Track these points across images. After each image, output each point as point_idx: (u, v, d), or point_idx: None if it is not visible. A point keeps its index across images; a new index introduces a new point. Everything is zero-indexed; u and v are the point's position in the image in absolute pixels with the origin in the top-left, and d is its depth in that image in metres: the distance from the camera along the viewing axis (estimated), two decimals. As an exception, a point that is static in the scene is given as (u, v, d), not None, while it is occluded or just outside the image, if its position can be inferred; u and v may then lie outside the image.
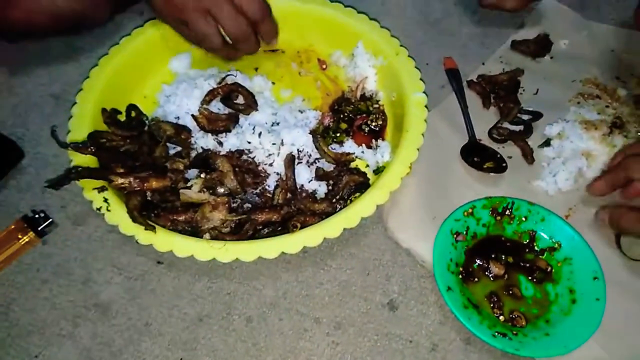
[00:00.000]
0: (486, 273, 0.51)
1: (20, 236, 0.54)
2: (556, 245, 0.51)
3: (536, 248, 0.52)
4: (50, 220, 0.55)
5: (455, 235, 0.51)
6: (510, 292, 0.50)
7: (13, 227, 0.55)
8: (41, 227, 0.55)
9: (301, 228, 0.50)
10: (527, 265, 0.51)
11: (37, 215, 0.56)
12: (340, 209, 0.53)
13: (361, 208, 0.50)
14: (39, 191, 0.59)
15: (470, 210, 0.52)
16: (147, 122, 0.60)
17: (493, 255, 0.51)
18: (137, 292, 0.52)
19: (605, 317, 0.46)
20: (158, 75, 0.66)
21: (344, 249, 0.54)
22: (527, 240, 0.52)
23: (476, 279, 0.50)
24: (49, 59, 0.70)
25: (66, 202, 0.58)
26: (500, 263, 0.51)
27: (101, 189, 0.52)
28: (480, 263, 0.51)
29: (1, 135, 0.62)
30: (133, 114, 0.61)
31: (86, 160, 0.54)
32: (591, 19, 0.72)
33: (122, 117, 0.61)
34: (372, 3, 0.73)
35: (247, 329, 0.50)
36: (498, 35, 0.71)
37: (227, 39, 0.61)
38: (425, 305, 0.51)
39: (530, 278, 0.51)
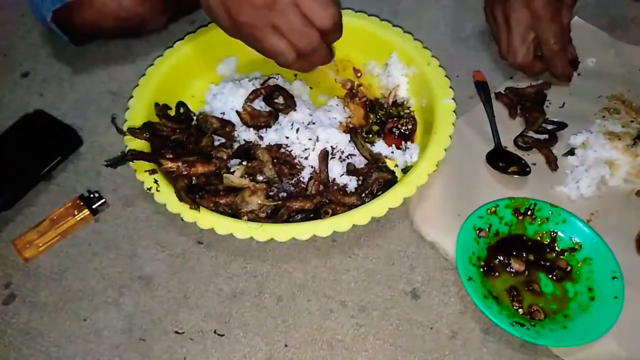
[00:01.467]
0: (507, 269, 0.53)
1: (76, 213, 0.60)
2: (576, 246, 0.53)
3: (557, 248, 0.54)
4: (103, 200, 0.61)
5: (478, 231, 0.54)
6: (530, 288, 0.52)
7: (70, 204, 0.60)
8: (95, 205, 0.60)
9: (331, 216, 0.53)
10: (548, 264, 0.53)
11: (91, 195, 0.61)
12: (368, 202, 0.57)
13: (389, 199, 0.54)
14: (94, 175, 0.64)
15: (493, 209, 0.55)
16: (194, 117, 0.66)
17: (514, 253, 0.54)
18: (177, 268, 0.56)
19: (624, 316, 0.48)
20: (206, 77, 0.72)
21: (371, 240, 0.57)
22: (548, 241, 0.54)
23: (497, 274, 0.52)
24: (109, 60, 0.77)
25: (118, 186, 0.63)
26: (521, 260, 0.53)
27: (152, 172, 0.57)
28: (502, 259, 0.53)
29: (63, 124, 0.68)
30: (182, 109, 0.67)
31: (140, 146, 0.60)
32: (619, 39, 0.74)
33: (172, 112, 0.66)
34: (407, 18, 0.77)
35: (277, 307, 0.53)
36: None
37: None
38: (447, 295, 0.53)
39: (550, 276, 0.52)
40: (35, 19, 0.73)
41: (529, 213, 0.55)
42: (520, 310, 0.50)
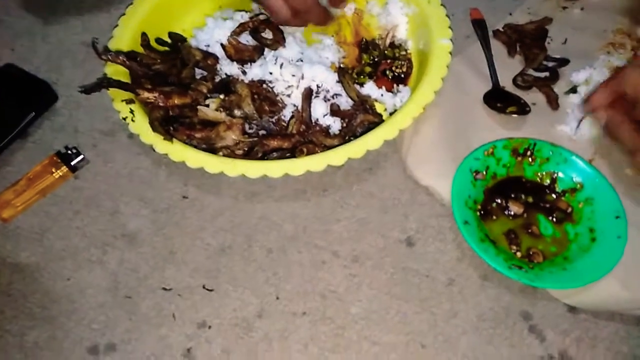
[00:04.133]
0: (505, 212, 0.51)
1: (54, 170, 0.57)
2: (578, 186, 0.51)
3: (557, 189, 0.52)
4: (82, 156, 0.58)
5: (474, 174, 0.51)
6: (529, 230, 0.50)
7: (47, 161, 0.57)
8: (73, 162, 0.57)
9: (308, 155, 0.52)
10: (547, 205, 0.51)
11: (69, 152, 0.58)
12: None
13: (368, 141, 0.51)
14: (72, 131, 0.61)
15: (490, 150, 0.52)
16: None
17: (513, 195, 0.51)
18: (162, 224, 0.54)
19: (627, 256, 0.46)
20: (199, 11, 0.68)
21: (363, 188, 0.55)
22: (548, 182, 0.52)
23: (494, 217, 0.50)
24: (82, 10, 0.72)
25: (97, 142, 0.60)
26: (519, 202, 0.51)
27: (129, 102, 0.55)
28: (499, 202, 0.51)
29: (37, 78, 0.65)
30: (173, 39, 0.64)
31: (119, 76, 0.57)
32: (626, -31, 0.69)
33: (162, 49, 0.63)
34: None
35: (267, 260, 0.51)
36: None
37: None
38: (443, 242, 0.51)
39: (550, 218, 0.50)
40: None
41: (528, 154, 0.52)
42: (518, 253, 0.48)
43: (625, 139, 0.47)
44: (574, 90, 0.58)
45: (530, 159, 0.52)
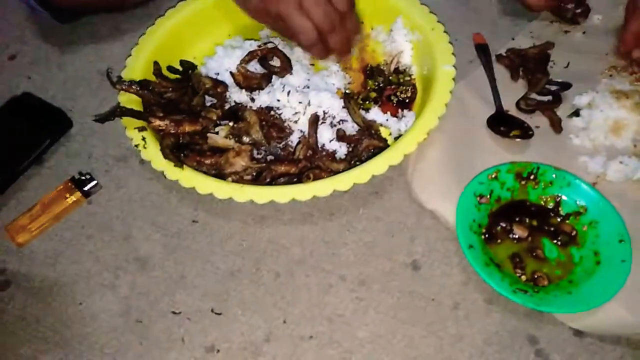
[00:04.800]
0: (509, 235, 0.51)
1: (68, 195, 0.59)
2: (582, 210, 0.51)
3: (561, 212, 0.52)
4: (95, 182, 0.60)
5: (479, 198, 0.52)
6: (534, 254, 0.50)
7: (62, 187, 0.59)
8: (87, 187, 0.59)
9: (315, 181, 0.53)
10: (552, 229, 0.51)
11: (83, 177, 0.60)
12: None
13: (373, 166, 0.53)
14: (86, 157, 0.63)
15: (494, 175, 0.53)
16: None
17: (517, 219, 0.52)
18: (173, 248, 0.55)
19: (630, 280, 0.46)
20: (210, 39, 0.70)
21: (370, 212, 0.56)
22: (552, 205, 0.52)
23: (499, 241, 0.51)
24: (97, 39, 0.75)
25: (110, 167, 0.62)
26: (524, 226, 0.51)
27: (141, 129, 0.57)
28: (504, 225, 0.51)
29: (52, 106, 0.67)
30: (182, 68, 0.66)
31: (132, 104, 0.59)
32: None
33: (174, 76, 0.65)
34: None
35: (275, 284, 0.52)
36: (528, 12, 0.71)
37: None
38: (449, 266, 0.52)
39: (554, 241, 0.51)
40: (17, -1, 0.71)
41: (532, 177, 0.53)
42: (523, 277, 0.49)
43: None
44: (576, 113, 0.59)
45: (534, 183, 0.53)
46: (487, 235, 0.51)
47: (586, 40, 0.67)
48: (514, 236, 0.51)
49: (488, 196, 0.53)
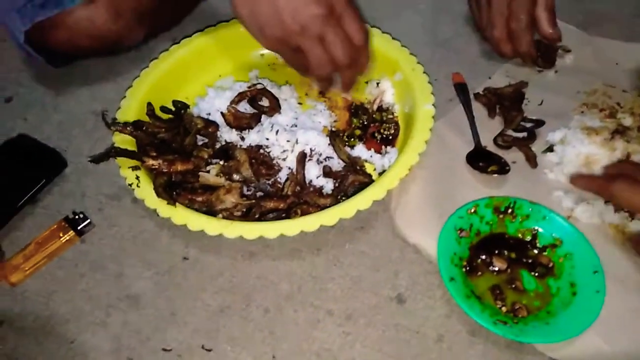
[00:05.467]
0: (489, 267, 0.53)
1: (61, 235, 0.60)
2: (557, 242, 0.53)
3: (538, 245, 0.54)
4: (89, 221, 0.61)
5: (459, 232, 0.54)
6: (513, 285, 0.52)
7: (55, 226, 0.61)
8: (80, 227, 0.61)
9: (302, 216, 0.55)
10: (530, 261, 0.53)
11: (77, 217, 0.61)
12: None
13: (358, 201, 0.55)
14: (80, 196, 0.65)
15: (473, 209, 0.55)
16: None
17: (496, 252, 0.54)
18: (164, 285, 0.57)
19: (606, 310, 0.48)
20: (202, 80, 0.73)
21: (355, 247, 0.58)
22: (530, 238, 0.55)
23: (479, 273, 0.53)
24: (91, 81, 0.77)
25: (103, 206, 0.64)
26: (503, 258, 0.53)
27: (134, 168, 0.59)
28: (484, 258, 0.53)
29: (47, 147, 0.69)
30: (177, 107, 0.69)
31: (126, 145, 0.62)
32: (595, 35, 0.75)
33: (167, 116, 0.68)
34: (385, 24, 0.77)
35: (264, 320, 0.53)
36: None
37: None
38: (432, 299, 0.53)
39: (532, 273, 0.53)
40: (13, 43, 0.73)
41: (509, 211, 0.55)
42: (503, 308, 0.50)
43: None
44: (550, 149, 0.62)
45: (511, 217, 0.55)
46: (468, 268, 0.53)
47: (558, 79, 0.71)
48: (494, 268, 0.53)
49: (468, 230, 0.55)
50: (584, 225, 0.55)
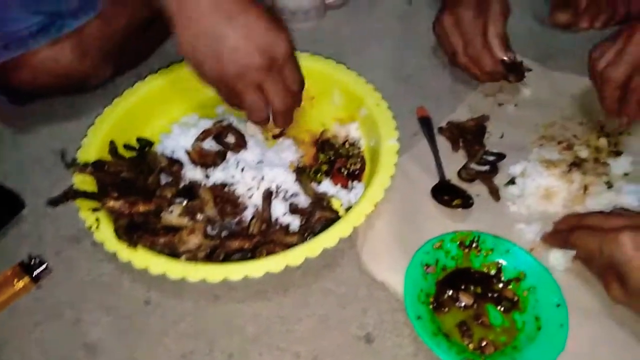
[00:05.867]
0: (456, 303, 0.53)
1: (16, 281, 0.57)
2: (521, 276, 0.54)
3: (503, 278, 0.55)
4: (45, 265, 0.59)
5: (425, 267, 0.54)
6: (480, 321, 0.52)
7: (10, 272, 0.58)
8: (36, 272, 0.58)
9: (267, 255, 0.54)
10: (495, 295, 0.53)
11: (32, 261, 0.59)
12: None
13: (324, 239, 0.55)
14: (37, 239, 0.62)
15: (439, 244, 0.55)
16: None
17: (462, 286, 0.54)
18: (124, 331, 0.54)
19: (571, 342, 0.48)
20: (166, 117, 0.72)
21: (322, 284, 0.57)
22: (494, 272, 0.55)
23: (446, 309, 0.53)
24: (53, 118, 0.76)
25: (61, 249, 0.61)
26: (469, 293, 0.53)
27: (95, 210, 0.57)
28: (450, 294, 0.53)
29: (3, 188, 0.67)
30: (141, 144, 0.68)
31: (86, 185, 0.60)
32: (551, 69, 0.78)
33: (130, 154, 0.67)
34: (351, 60, 0.79)
35: (229, 365, 0.52)
36: (467, 86, 0.77)
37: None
38: (400, 337, 0.53)
39: (498, 307, 0.53)
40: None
41: (474, 245, 0.56)
42: (470, 345, 0.50)
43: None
44: (512, 182, 0.63)
45: (476, 251, 0.56)
46: (435, 304, 0.53)
47: (518, 113, 0.73)
48: (460, 304, 0.53)
49: (434, 265, 0.55)
50: (545, 258, 0.55)
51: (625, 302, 0.48)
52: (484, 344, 0.50)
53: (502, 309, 0.53)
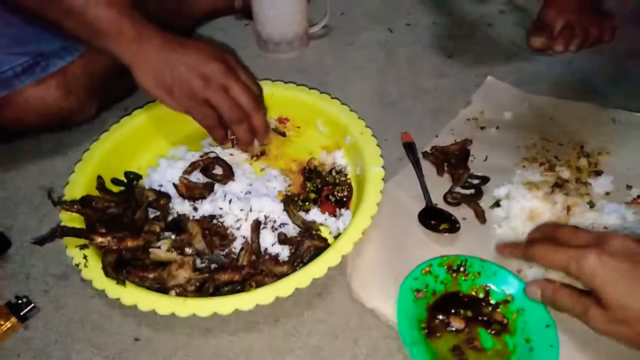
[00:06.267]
0: (448, 328, 0.53)
1: (2, 322, 0.56)
2: (509, 298, 0.54)
3: (491, 301, 0.55)
4: (33, 305, 0.58)
5: (415, 293, 0.54)
6: (472, 345, 0.52)
7: (-4, 313, 0.57)
8: (23, 312, 0.57)
9: (257, 287, 0.54)
10: (485, 318, 0.54)
11: (19, 301, 0.58)
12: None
13: (313, 270, 0.55)
14: (24, 278, 0.62)
15: (427, 269, 0.56)
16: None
17: (453, 311, 0.54)
18: (114, 370, 0.54)
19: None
20: (153, 151, 0.73)
21: (314, 315, 0.57)
22: (483, 295, 0.56)
23: (439, 334, 0.53)
24: (39, 154, 0.76)
25: (49, 287, 0.61)
26: (460, 317, 0.54)
27: (83, 247, 0.57)
28: (441, 318, 0.54)
29: (-10, 227, 0.66)
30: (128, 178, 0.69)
31: (74, 222, 0.60)
32: (530, 92, 0.80)
33: (118, 189, 0.67)
34: (335, 88, 0.81)
35: (221, 400, 0.51)
36: (449, 111, 0.79)
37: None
38: (393, 365, 0.53)
39: (489, 331, 0.53)
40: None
41: (461, 269, 0.56)
42: None
43: (568, 306, 0.46)
44: (497, 204, 0.65)
45: (464, 275, 0.56)
46: (427, 330, 0.53)
47: (500, 135, 0.75)
48: (452, 328, 0.53)
49: (424, 290, 0.55)
50: (532, 279, 0.56)
51: (609, 327, 0.44)
52: (478, 368, 0.50)
53: (492, 332, 0.53)
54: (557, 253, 0.46)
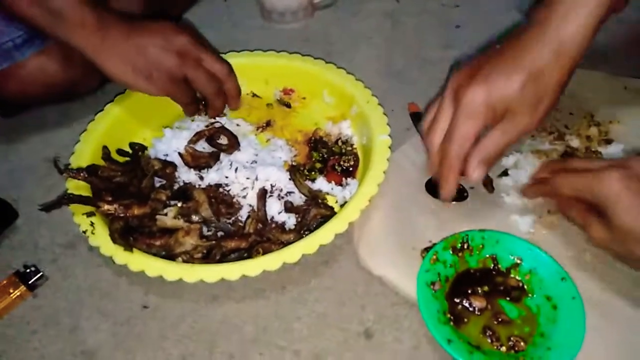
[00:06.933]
0: (471, 309, 0.52)
1: (11, 291, 0.57)
2: (517, 260, 0.54)
3: (502, 269, 0.55)
4: (41, 273, 0.58)
5: (432, 286, 0.52)
6: (499, 320, 0.51)
7: (5, 282, 0.57)
8: (32, 280, 0.58)
9: (264, 254, 0.54)
10: (502, 287, 0.53)
11: (28, 270, 0.59)
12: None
13: (320, 236, 0.55)
14: (32, 247, 0.62)
15: (434, 257, 0.54)
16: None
17: (470, 291, 0.53)
18: (123, 337, 0.54)
19: (590, 344, 0.47)
20: (158, 122, 0.72)
21: (320, 282, 0.57)
22: (492, 264, 0.55)
23: (465, 320, 0.51)
24: (44, 126, 0.76)
25: (57, 256, 0.61)
26: (479, 296, 0.52)
27: (89, 214, 0.57)
28: (462, 302, 0.52)
29: (-3, 198, 0.66)
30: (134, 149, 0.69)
31: (80, 190, 0.60)
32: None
33: (123, 159, 0.67)
34: (340, 58, 0.80)
35: (229, 366, 0.52)
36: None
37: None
38: (400, 331, 0.53)
39: (508, 299, 0.52)
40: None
41: (465, 247, 0.55)
42: (502, 348, 0.49)
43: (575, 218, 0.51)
44: (505, 173, 0.64)
45: (468, 251, 0.55)
46: (453, 319, 0.51)
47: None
48: (475, 310, 0.52)
49: (438, 280, 0.53)
50: (545, 243, 0.55)
51: (606, 243, 0.47)
52: (513, 341, 0.49)
53: (512, 299, 0.52)
54: (582, 178, 0.46)
